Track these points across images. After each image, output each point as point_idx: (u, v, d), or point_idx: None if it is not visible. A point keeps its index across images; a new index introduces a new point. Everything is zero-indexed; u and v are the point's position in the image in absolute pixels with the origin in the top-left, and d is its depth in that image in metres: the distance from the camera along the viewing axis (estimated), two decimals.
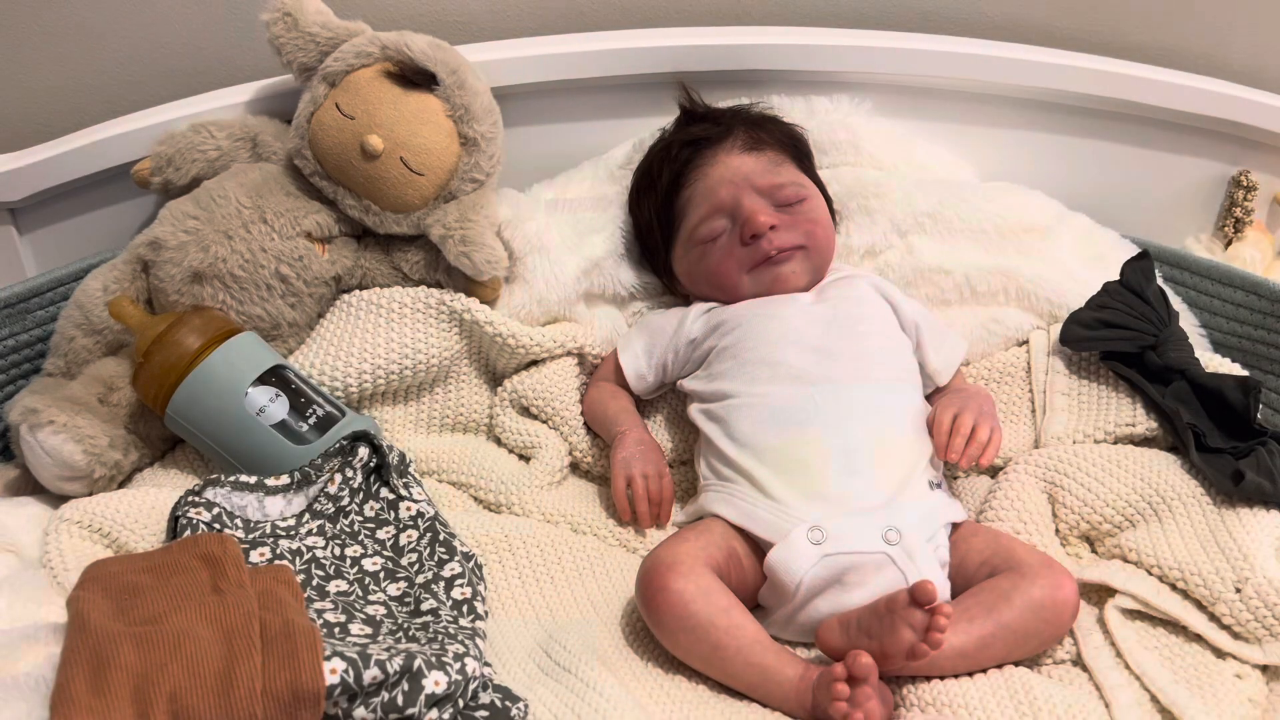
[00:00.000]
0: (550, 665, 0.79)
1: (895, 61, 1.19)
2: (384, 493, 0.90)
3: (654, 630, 0.80)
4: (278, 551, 0.82)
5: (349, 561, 0.83)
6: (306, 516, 0.87)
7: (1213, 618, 0.80)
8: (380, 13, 1.20)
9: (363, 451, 0.91)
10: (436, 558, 0.83)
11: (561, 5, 1.23)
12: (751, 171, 1.04)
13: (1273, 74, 1.26)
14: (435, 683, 0.66)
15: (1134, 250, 1.12)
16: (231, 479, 0.86)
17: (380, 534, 0.87)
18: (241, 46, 1.21)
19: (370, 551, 0.85)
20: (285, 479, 0.88)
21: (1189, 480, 0.89)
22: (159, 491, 0.91)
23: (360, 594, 0.80)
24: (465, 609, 0.79)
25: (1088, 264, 1.11)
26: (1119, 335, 1.00)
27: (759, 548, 0.85)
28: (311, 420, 0.95)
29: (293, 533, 0.85)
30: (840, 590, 0.81)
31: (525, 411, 1.07)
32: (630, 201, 1.14)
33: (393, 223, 1.06)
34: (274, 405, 0.94)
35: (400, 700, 0.65)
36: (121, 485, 0.98)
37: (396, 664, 0.65)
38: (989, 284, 1.09)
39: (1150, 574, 0.84)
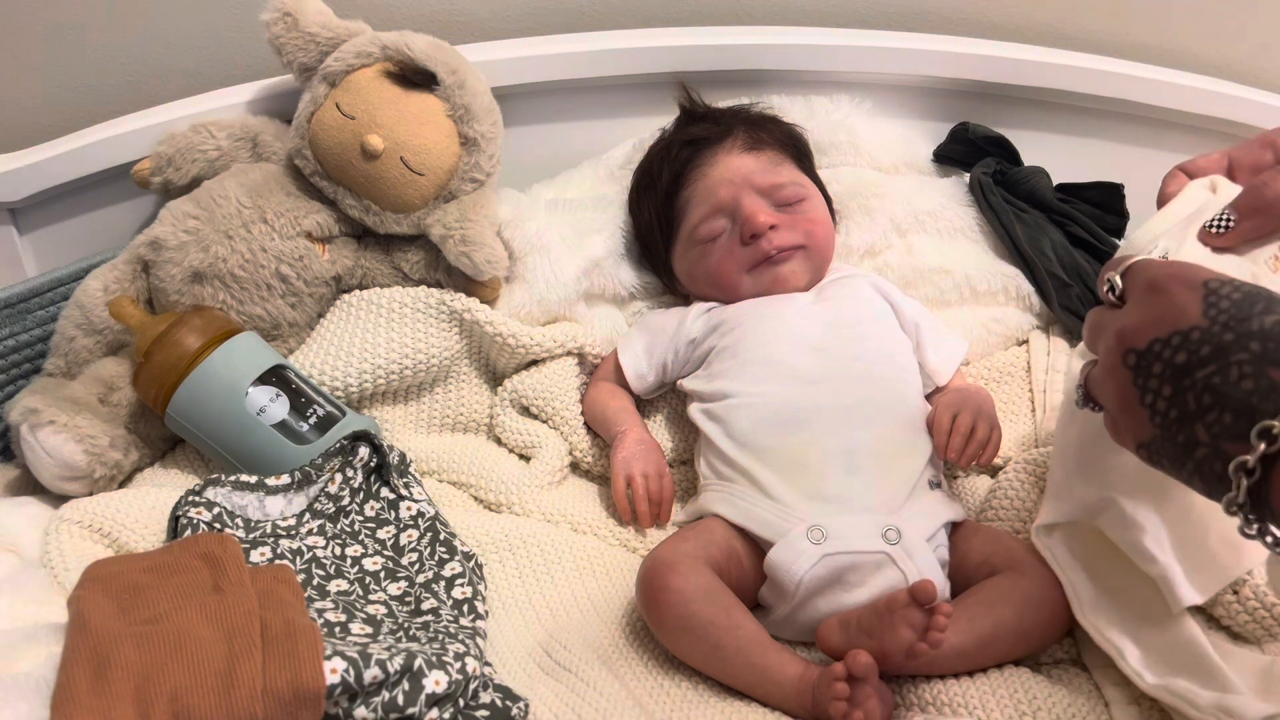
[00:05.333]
0: (551, 665, 0.79)
1: (895, 61, 1.19)
2: (384, 492, 0.90)
3: (654, 630, 0.80)
4: (278, 551, 0.82)
5: (349, 561, 0.83)
6: (307, 516, 0.87)
7: (1211, 619, 0.80)
8: (380, 13, 1.20)
9: (363, 451, 0.91)
10: (437, 557, 0.84)
11: (561, 5, 1.23)
12: (751, 171, 1.04)
13: (1273, 74, 1.26)
14: (436, 682, 0.66)
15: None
16: (232, 479, 0.86)
17: (381, 533, 0.87)
18: (241, 46, 1.21)
19: (371, 551, 0.85)
20: (286, 479, 0.88)
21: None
22: (159, 491, 0.91)
23: (361, 593, 0.80)
24: (466, 608, 0.79)
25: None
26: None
27: (759, 547, 0.85)
28: (312, 420, 0.95)
29: (293, 532, 0.85)
30: (840, 590, 0.81)
31: (525, 411, 1.07)
32: (630, 201, 1.14)
33: (393, 223, 1.06)
34: (274, 405, 0.95)
35: (401, 700, 0.65)
36: (122, 485, 0.98)
37: (397, 663, 0.65)
38: (989, 284, 1.09)
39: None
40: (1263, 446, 0.51)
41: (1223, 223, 0.70)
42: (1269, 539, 0.53)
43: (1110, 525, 0.75)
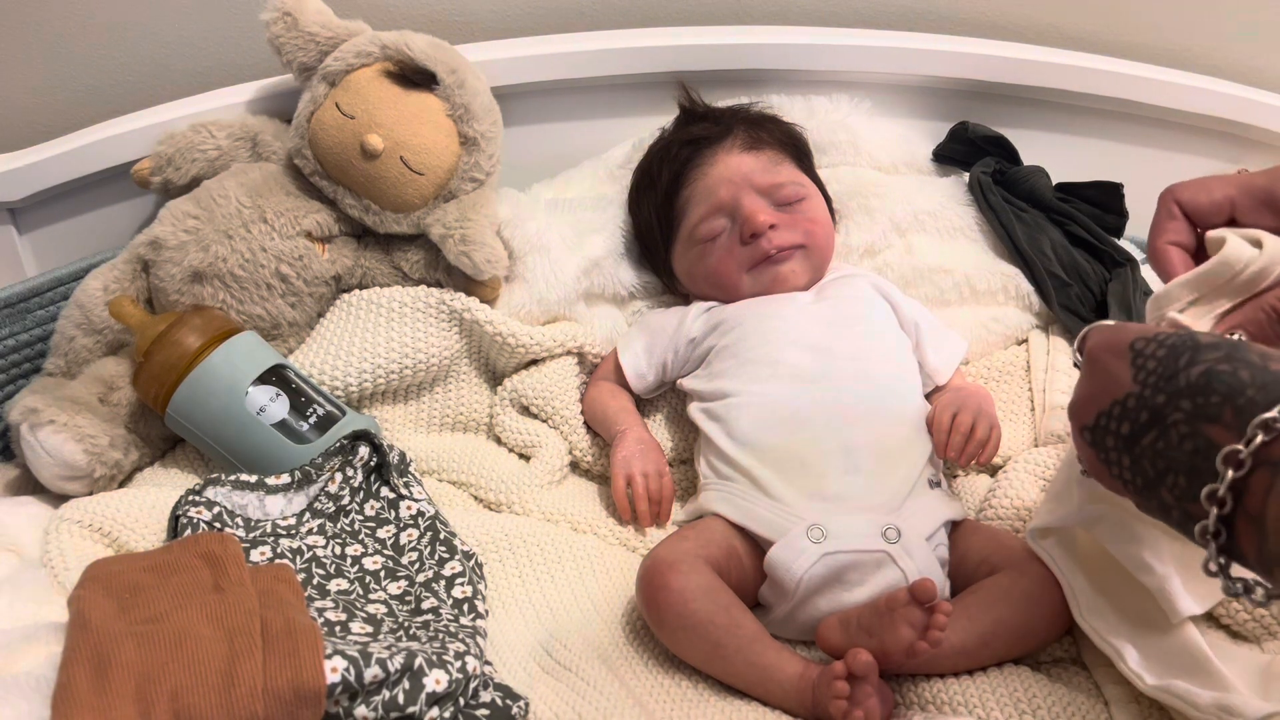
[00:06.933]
0: (551, 664, 0.79)
1: (895, 61, 1.19)
2: (384, 492, 0.90)
3: (654, 629, 0.80)
4: (278, 550, 0.82)
5: (350, 560, 0.84)
6: (307, 515, 0.87)
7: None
8: (380, 12, 1.20)
9: (363, 450, 0.91)
10: (437, 556, 0.84)
11: (561, 5, 1.23)
12: (751, 171, 1.04)
13: (1273, 74, 1.26)
14: (436, 681, 0.66)
15: (1131, 248, 1.12)
16: (232, 478, 0.86)
17: (381, 533, 0.87)
18: (241, 46, 1.21)
19: (371, 550, 0.85)
20: (286, 478, 0.88)
21: None
22: (159, 491, 0.91)
23: (361, 593, 0.80)
24: (466, 607, 0.79)
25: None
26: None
27: (759, 546, 0.85)
28: (312, 419, 0.95)
29: (293, 531, 0.85)
30: (840, 588, 0.81)
31: (525, 411, 1.07)
32: (630, 201, 1.14)
33: (393, 222, 1.06)
34: (274, 404, 0.95)
35: (401, 699, 0.65)
36: (122, 485, 0.98)
37: (397, 662, 0.65)
38: (989, 283, 1.09)
39: None
40: (1214, 510, 0.50)
41: None
42: (1255, 595, 0.52)
43: (1107, 536, 0.75)
